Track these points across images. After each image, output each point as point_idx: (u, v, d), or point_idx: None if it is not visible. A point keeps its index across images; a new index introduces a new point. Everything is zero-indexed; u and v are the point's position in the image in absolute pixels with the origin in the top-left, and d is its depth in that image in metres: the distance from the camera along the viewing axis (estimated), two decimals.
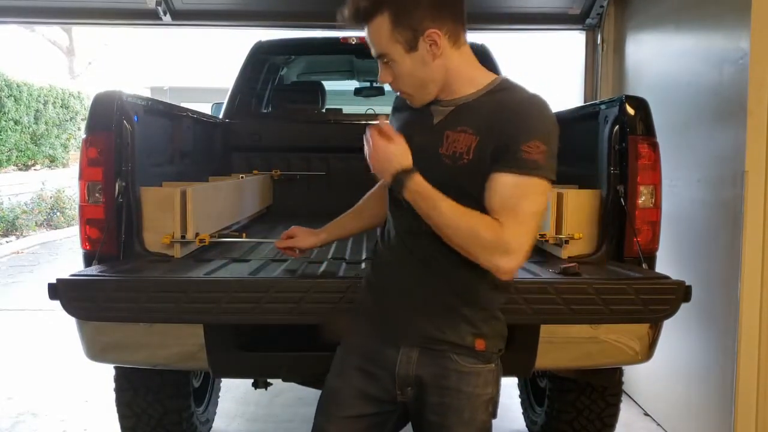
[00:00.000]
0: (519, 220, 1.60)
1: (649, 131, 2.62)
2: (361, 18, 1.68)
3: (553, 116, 1.69)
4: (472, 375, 1.76)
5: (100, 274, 2.28)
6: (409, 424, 1.90)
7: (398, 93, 1.80)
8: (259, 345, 2.54)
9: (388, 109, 6.58)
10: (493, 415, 1.82)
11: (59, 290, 2.16)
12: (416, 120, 1.78)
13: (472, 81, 1.72)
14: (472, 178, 1.65)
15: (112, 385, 3.04)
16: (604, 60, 4.76)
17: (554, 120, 1.68)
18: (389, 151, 1.65)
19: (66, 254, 10.26)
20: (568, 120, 3.43)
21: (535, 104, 1.67)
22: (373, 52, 1.73)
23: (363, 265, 2.51)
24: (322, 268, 2.48)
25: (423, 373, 1.77)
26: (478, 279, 1.72)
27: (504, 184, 1.61)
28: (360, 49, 4.93)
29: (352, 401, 1.84)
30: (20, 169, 14.88)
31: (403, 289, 1.78)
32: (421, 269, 1.74)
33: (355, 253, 2.80)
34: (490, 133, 1.63)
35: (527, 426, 3.81)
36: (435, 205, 1.63)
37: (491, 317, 1.79)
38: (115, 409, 3.07)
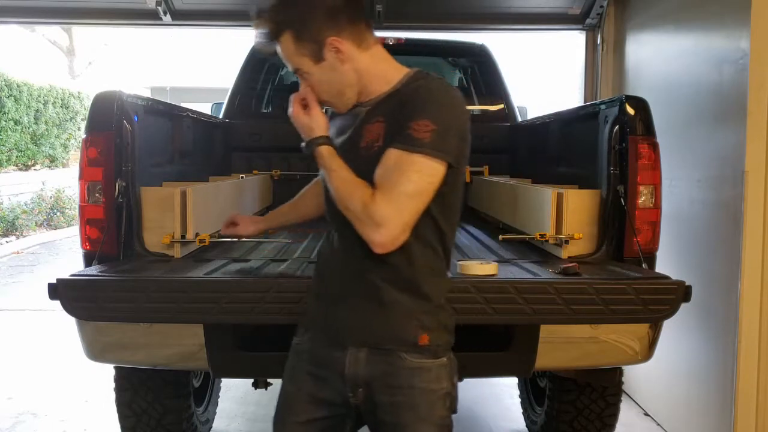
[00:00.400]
0: (390, 196, 1.61)
1: (649, 131, 2.63)
2: (269, 40, 1.79)
3: (456, 102, 1.71)
4: (423, 371, 1.73)
5: (100, 274, 2.28)
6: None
7: (322, 103, 1.85)
8: (259, 345, 2.54)
9: None
10: (452, 410, 1.79)
11: (59, 290, 2.16)
12: (345, 124, 1.83)
13: (387, 78, 1.76)
14: None
15: (112, 385, 3.04)
16: (604, 60, 4.76)
17: (455, 105, 1.70)
18: (303, 122, 1.76)
19: (66, 254, 10.27)
20: (568, 120, 3.44)
21: (437, 89, 1.69)
22: (289, 68, 1.82)
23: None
24: None
25: (372, 372, 1.74)
26: (409, 265, 1.70)
27: (387, 158, 1.64)
28: None
29: (305, 406, 1.83)
30: (20, 169, 14.88)
31: (341, 288, 1.78)
32: (352, 262, 1.75)
33: None
34: (395, 117, 1.68)
35: (527, 426, 3.81)
36: (332, 175, 1.69)
37: (434, 308, 1.76)
38: (115, 409, 3.07)
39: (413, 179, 1.62)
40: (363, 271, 1.73)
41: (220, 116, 4.58)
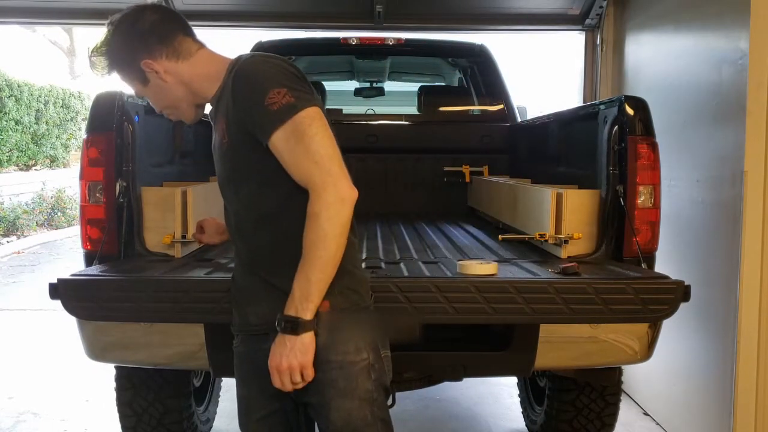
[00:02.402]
0: (317, 162, 1.64)
1: (648, 131, 2.63)
2: (105, 74, 1.88)
3: (275, 60, 1.75)
4: (336, 342, 1.71)
5: (100, 274, 2.29)
6: None
7: (171, 119, 1.95)
8: None
9: (388, 109, 6.58)
10: (381, 383, 1.77)
11: (60, 290, 2.16)
12: (214, 128, 1.89)
13: (216, 77, 1.81)
14: (236, 155, 1.75)
15: (113, 384, 3.05)
16: (603, 60, 4.77)
17: (278, 62, 1.74)
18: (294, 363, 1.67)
19: (67, 254, 10.27)
20: (568, 120, 3.44)
21: (253, 63, 1.73)
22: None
23: (363, 265, 2.51)
24: None
25: None
26: (291, 245, 1.69)
27: (279, 146, 1.65)
28: (360, 49, 4.94)
29: (258, 403, 1.86)
30: (21, 169, 14.88)
31: (244, 287, 1.84)
32: (244, 261, 1.84)
33: None
34: (234, 108, 1.71)
35: (527, 425, 3.82)
36: (310, 284, 1.64)
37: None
38: (115, 408, 3.07)
39: (314, 131, 1.66)
40: (251, 265, 1.80)
41: None
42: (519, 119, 4.77)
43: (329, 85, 5.31)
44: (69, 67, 22.75)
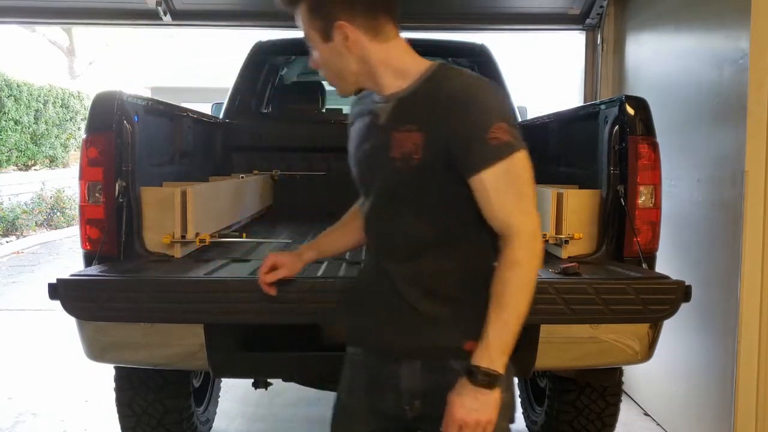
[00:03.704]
0: (520, 208, 1.58)
1: (648, 131, 2.63)
2: (287, 4, 1.73)
3: (499, 90, 1.68)
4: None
5: (100, 274, 2.28)
6: None
7: (327, 80, 1.80)
8: (259, 345, 2.54)
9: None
10: (511, 420, 1.74)
11: (59, 290, 2.16)
12: (367, 125, 1.77)
13: (403, 73, 1.69)
14: (425, 177, 1.62)
15: (113, 385, 3.04)
16: (604, 60, 4.76)
17: (502, 94, 1.67)
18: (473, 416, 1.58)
19: (66, 254, 10.27)
20: (568, 120, 3.43)
21: (479, 87, 1.62)
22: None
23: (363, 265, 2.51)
24: (322, 268, 2.48)
25: (427, 384, 1.70)
26: (455, 274, 1.67)
27: (488, 183, 1.57)
28: None
29: (362, 416, 1.80)
30: (20, 169, 14.88)
31: (384, 304, 1.73)
32: (391, 277, 1.71)
33: (355, 253, 2.80)
34: (439, 127, 1.59)
35: (527, 426, 3.81)
36: (515, 338, 1.59)
37: (485, 312, 1.64)
38: (115, 409, 3.07)
39: (525, 175, 1.60)
40: (402, 285, 1.69)
41: (220, 116, 4.58)
42: (519, 119, 4.76)
43: (329, 85, 5.30)
44: (68, 67, 22.75)
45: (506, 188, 1.58)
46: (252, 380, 2.98)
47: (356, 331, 1.83)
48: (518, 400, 3.96)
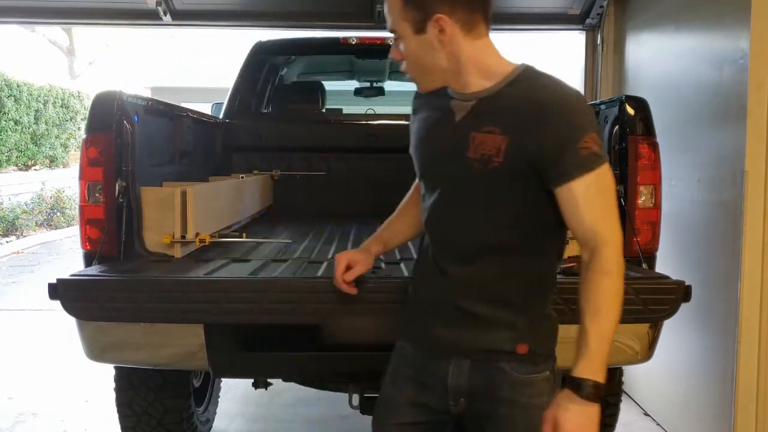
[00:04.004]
0: (609, 219, 1.59)
1: (649, 131, 2.63)
2: None
3: (581, 96, 1.66)
4: (524, 385, 1.70)
5: (100, 274, 2.28)
6: None
7: (407, 74, 1.76)
8: (259, 345, 2.54)
9: (387, 109, 6.55)
10: None
11: (59, 290, 2.16)
12: (438, 119, 1.72)
13: (489, 73, 1.65)
14: (503, 180, 1.60)
15: (113, 385, 3.04)
16: (604, 60, 4.76)
17: (583, 99, 1.66)
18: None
19: (66, 254, 10.26)
20: None
21: (570, 96, 1.60)
22: (387, 26, 1.72)
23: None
24: (322, 268, 2.48)
25: (475, 383, 1.72)
26: (516, 280, 1.68)
27: (577, 192, 1.56)
28: (360, 49, 4.93)
29: (405, 410, 1.81)
30: (20, 169, 14.87)
31: (439, 300, 1.73)
32: (449, 275, 1.71)
33: None
34: (526, 133, 1.56)
35: None
36: (610, 340, 1.60)
37: (537, 317, 1.72)
38: (115, 409, 3.07)
39: (611, 186, 1.61)
40: (460, 285, 1.69)
41: (220, 116, 4.58)
42: None
43: (329, 85, 5.31)
44: (68, 67, 22.75)
45: (595, 198, 1.57)
46: (252, 380, 2.98)
47: (407, 325, 1.84)
48: None
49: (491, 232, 1.66)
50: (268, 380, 2.96)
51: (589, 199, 1.56)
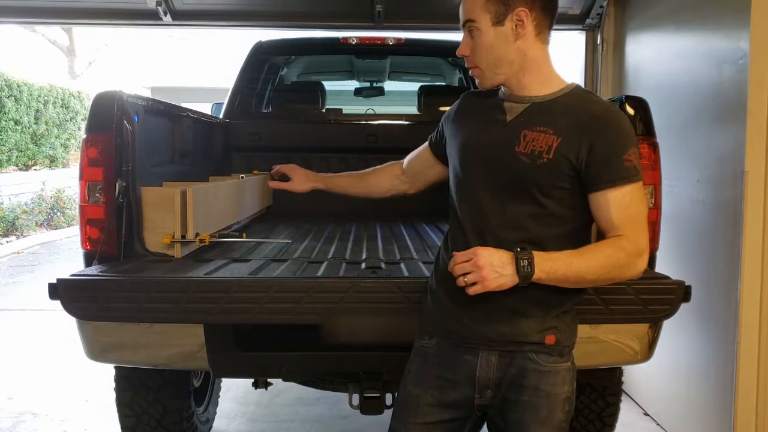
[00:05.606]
0: (639, 225, 1.71)
1: (649, 131, 2.63)
2: None
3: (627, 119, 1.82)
4: (551, 374, 1.78)
5: (100, 274, 2.28)
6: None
7: (470, 69, 1.86)
8: (259, 345, 2.54)
9: (387, 109, 6.56)
10: (570, 412, 1.84)
11: (59, 290, 2.16)
12: (488, 117, 1.82)
13: (548, 81, 1.78)
14: (549, 176, 1.71)
15: (113, 384, 3.04)
16: (604, 60, 4.76)
17: (628, 122, 1.81)
18: (491, 266, 1.65)
19: (66, 254, 10.27)
20: None
21: (617, 112, 1.76)
22: (461, 17, 1.84)
23: (363, 265, 2.51)
24: (322, 268, 2.49)
25: (502, 374, 1.79)
26: None
27: (616, 199, 1.70)
28: (360, 49, 4.93)
29: (430, 409, 1.85)
30: (20, 169, 14.88)
31: (467, 293, 1.73)
32: None
33: (355, 254, 2.81)
34: (577, 138, 1.69)
35: None
36: (571, 273, 1.68)
37: (562, 311, 1.80)
38: (115, 408, 3.07)
39: (644, 200, 1.75)
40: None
41: (220, 116, 4.58)
42: None
43: (329, 85, 5.31)
44: (68, 66, 22.74)
45: (631, 207, 1.70)
46: (252, 380, 2.98)
47: (432, 321, 1.88)
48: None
49: (530, 225, 1.74)
50: (268, 380, 2.96)
51: (626, 206, 1.69)
